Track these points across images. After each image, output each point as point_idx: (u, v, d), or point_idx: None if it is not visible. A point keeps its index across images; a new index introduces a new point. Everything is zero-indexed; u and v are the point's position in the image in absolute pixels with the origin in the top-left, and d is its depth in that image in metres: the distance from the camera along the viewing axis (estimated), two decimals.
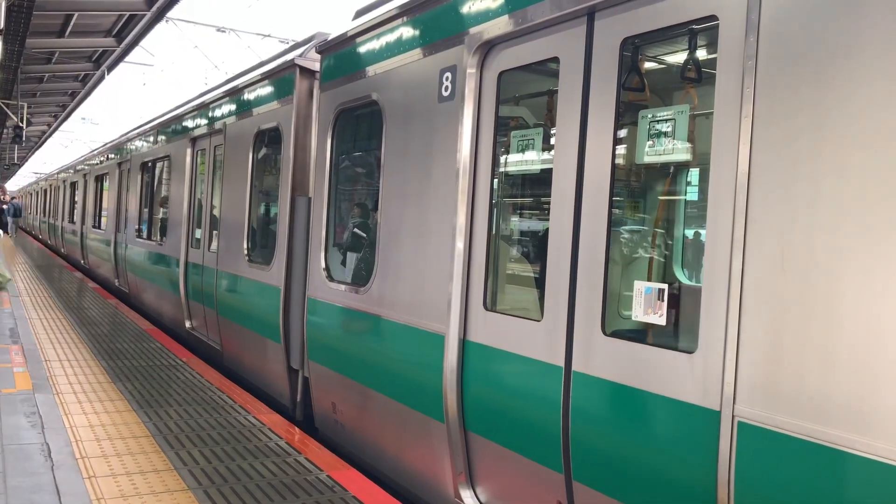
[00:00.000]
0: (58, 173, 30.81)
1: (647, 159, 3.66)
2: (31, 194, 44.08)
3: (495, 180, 4.33)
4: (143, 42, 17.82)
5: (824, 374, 2.51)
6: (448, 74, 4.53)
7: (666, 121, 3.45)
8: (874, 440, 2.36)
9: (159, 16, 15.12)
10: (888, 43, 2.40)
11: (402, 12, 5.10)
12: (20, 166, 57.05)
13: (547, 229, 3.83)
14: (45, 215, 34.75)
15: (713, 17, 3.02)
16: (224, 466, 4.86)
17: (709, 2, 3.03)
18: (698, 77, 3.84)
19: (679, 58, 4.06)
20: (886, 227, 2.37)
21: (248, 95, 8.17)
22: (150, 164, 13.05)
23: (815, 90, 2.59)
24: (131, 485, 4.44)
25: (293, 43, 8.70)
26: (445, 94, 4.55)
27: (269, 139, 7.81)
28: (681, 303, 4.11)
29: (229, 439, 5.44)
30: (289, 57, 7.26)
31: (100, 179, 18.47)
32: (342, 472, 4.87)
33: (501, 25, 4.09)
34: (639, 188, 4.86)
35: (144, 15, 15.06)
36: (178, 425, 5.72)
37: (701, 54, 3.77)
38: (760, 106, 2.76)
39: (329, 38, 6.25)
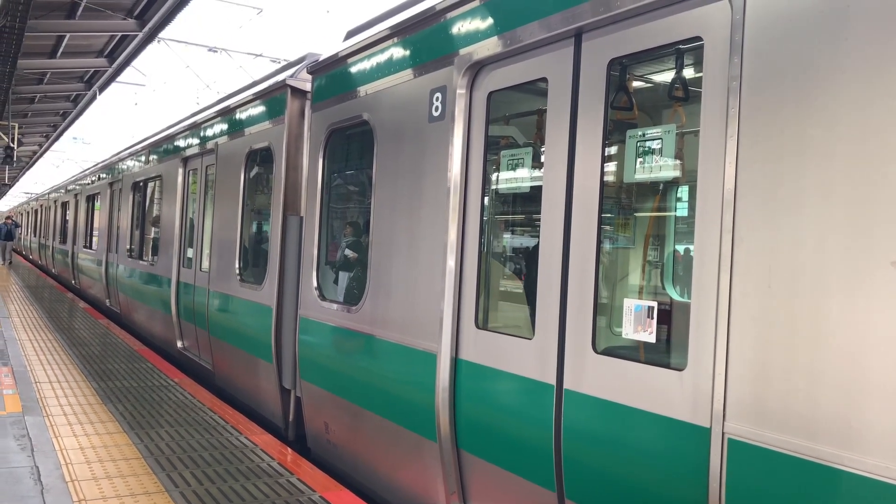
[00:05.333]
0: (49, 193, 30.72)
1: (636, 177, 3.70)
2: (21, 214, 43.91)
3: (486, 199, 4.36)
4: (135, 62, 17.87)
5: (812, 390, 2.53)
6: (438, 95, 4.57)
7: (654, 139, 3.49)
8: (863, 456, 2.38)
9: (151, 36, 15.17)
10: (870, 65, 2.44)
11: (393, 33, 5.15)
12: (11, 186, 56.91)
13: (537, 247, 3.85)
14: (35, 235, 34.58)
15: (698, 39, 3.07)
16: (216, 488, 4.83)
17: (694, 23, 3.08)
18: (685, 96, 3.89)
19: (666, 77, 4.11)
20: (870, 244, 2.41)
21: (240, 115, 8.20)
22: (141, 183, 13.05)
23: (798, 110, 2.64)
24: None
25: (284, 63, 8.75)
26: (436, 114, 4.59)
27: (261, 159, 7.84)
28: (671, 320, 4.14)
29: (221, 460, 5.41)
30: (280, 77, 7.31)
31: (91, 199, 18.44)
32: (335, 492, 4.85)
33: (490, 46, 4.13)
34: (628, 206, 4.90)
35: (136, 35, 15.10)
36: (170, 447, 5.68)
37: (687, 73, 3.82)
38: (745, 125, 2.80)
39: (320, 59, 6.30)
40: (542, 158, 3.93)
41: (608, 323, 4.20)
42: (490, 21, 4.17)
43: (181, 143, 10.55)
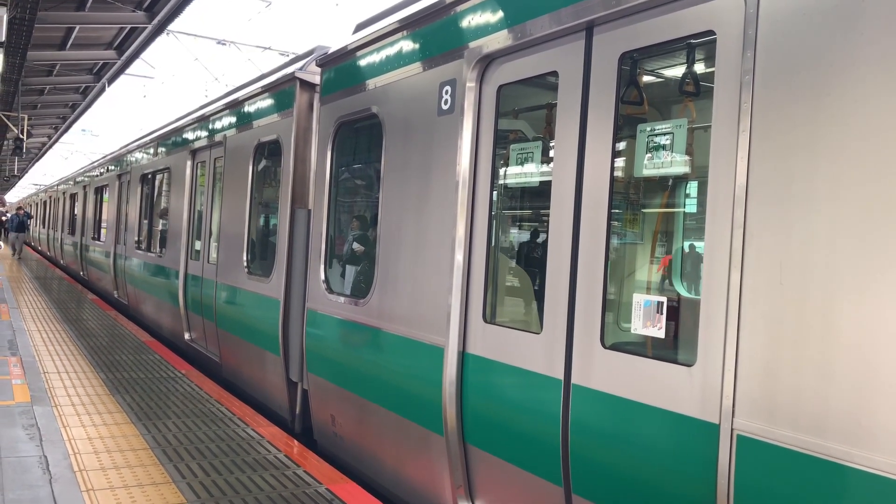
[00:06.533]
0: (57, 185, 30.82)
1: (646, 172, 3.68)
2: (30, 206, 44.12)
3: (494, 193, 4.34)
4: (144, 54, 17.92)
5: (822, 387, 2.51)
6: (448, 88, 4.56)
7: (664, 134, 3.47)
8: (873, 453, 2.37)
9: (160, 28, 15.20)
10: (885, 59, 2.42)
11: (402, 26, 5.14)
12: (20, 178, 57.15)
13: (546, 242, 3.84)
14: (44, 227, 34.73)
15: (711, 33, 3.05)
16: (223, 479, 4.84)
17: (706, 17, 3.06)
18: (696, 91, 3.86)
19: (677, 71, 4.09)
20: (883, 241, 2.39)
21: (249, 108, 8.20)
22: (150, 175, 13.08)
23: (811, 105, 2.61)
24: (129, 498, 4.43)
25: (293, 56, 8.74)
26: (445, 107, 4.57)
27: (269, 151, 7.84)
28: (680, 315, 4.12)
29: (228, 452, 5.43)
30: (289, 70, 7.30)
31: (99, 191, 18.50)
32: (341, 485, 4.86)
33: (501, 40, 4.12)
34: (638, 201, 4.88)
35: (145, 28, 15.14)
36: (177, 438, 5.70)
37: (699, 68, 3.80)
38: (758, 120, 2.78)
39: (329, 52, 6.29)
40: (552, 153, 3.91)
41: (616, 318, 4.19)
42: (500, 14, 4.15)
43: (189, 135, 10.56)
